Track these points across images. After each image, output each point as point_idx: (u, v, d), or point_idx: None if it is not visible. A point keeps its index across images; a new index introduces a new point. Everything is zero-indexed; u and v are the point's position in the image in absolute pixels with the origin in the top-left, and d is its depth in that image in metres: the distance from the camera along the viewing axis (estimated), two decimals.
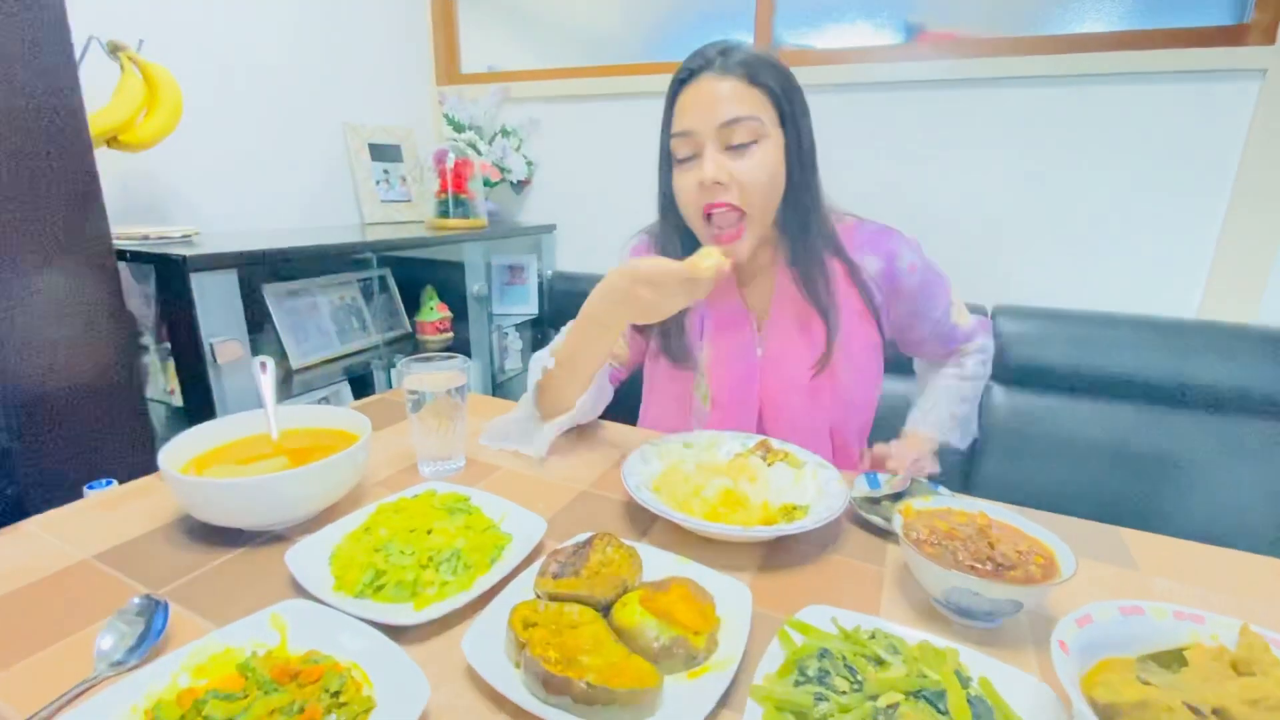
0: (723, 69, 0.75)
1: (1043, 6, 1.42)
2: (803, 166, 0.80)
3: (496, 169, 1.87)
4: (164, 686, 0.40)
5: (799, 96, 0.79)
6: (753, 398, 0.89)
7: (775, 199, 0.80)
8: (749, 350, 0.88)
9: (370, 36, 1.83)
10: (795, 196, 0.81)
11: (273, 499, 0.58)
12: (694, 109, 0.76)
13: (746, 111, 0.75)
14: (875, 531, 0.64)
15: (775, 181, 0.79)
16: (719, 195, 0.77)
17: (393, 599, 0.49)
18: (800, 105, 0.79)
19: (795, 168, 0.79)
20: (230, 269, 1.07)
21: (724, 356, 0.89)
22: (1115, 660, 0.40)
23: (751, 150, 0.76)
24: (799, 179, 0.80)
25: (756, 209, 0.78)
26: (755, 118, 0.75)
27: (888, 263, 0.86)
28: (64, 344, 0.88)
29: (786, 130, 0.78)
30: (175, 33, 1.34)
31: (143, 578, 0.53)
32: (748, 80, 0.75)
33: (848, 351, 0.86)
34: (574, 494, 0.71)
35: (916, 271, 0.87)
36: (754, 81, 0.75)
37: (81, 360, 0.90)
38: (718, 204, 0.77)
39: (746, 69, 0.75)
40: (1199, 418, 1.17)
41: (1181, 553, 0.62)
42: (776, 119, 0.77)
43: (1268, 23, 1.25)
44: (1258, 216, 1.27)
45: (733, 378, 0.88)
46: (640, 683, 0.39)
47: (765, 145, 0.76)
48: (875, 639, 0.44)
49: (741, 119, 0.75)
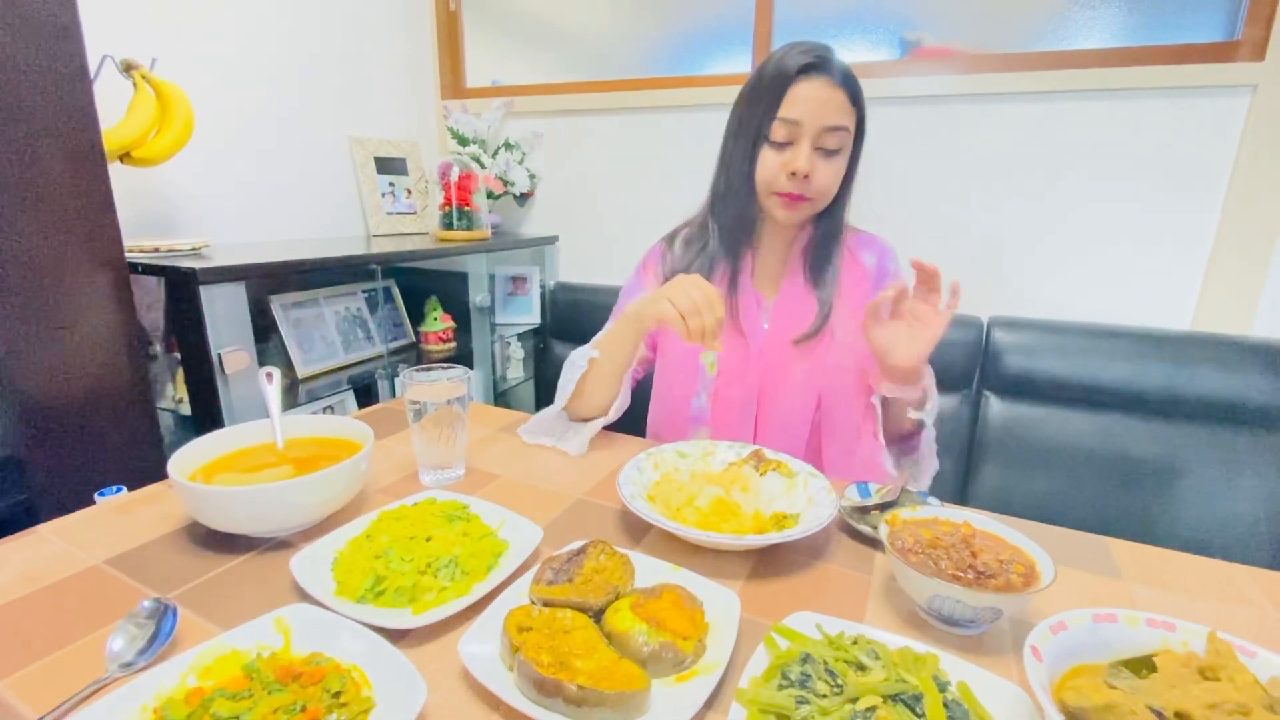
0: (839, 78, 0.83)
1: (1037, 24, 1.45)
2: (849, 178, 0.91)
3: (500, 182, 1.90)
4: (173, 686, 0.41)
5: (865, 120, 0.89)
6: (754, 365, 0.94)
7: (830, 197, 0.90)
8: (755, 323, 0.95)
9: (377, 53, 1.86)
10: (837, 200, 0.91)
11: (277, 507, 0.59)
12: (807, 103, 0.83)
13: (844, 122, 0.84)
14: (864, 540, 0.66)
15: (835, 184, 0.89)
16: (798, 187, 0.86)
17: (392, 604, 0.51)
18: (864, 128, 0.89)
19: (848, 178, 0.91)
20: (238, 281, 1.10)
21: (732, 328, 0.95)
22: (1089, 666, 0.41)
23: (836, 158, 0.86)
24: (845, 188, 0.92)
25: (817, 204, 0.89)
26: (847, 130, 0.85)
27: (880, 260, 0.97)
28: (77, 354, 0.91)
29: (856, 147, 0.89)
30: (187, 51, 1.38)
31: (152, 582, 0.55)
32: (849, 97, 0.84)
33: (845, 329, 0.92)
34: (570, 502, 0.72)
35: (900, 276, 0.96)
36: (853, 99, 0.85)
37: (94, 370, 0.93)
38: (794, 195, 0.87)
39: (850, 86, 0.84)
40: (1193, 429, 1.18)
41: (1164, 561, 0.63)
42: (854, 136, 0.88)
43: (1258, 39, 1.27)
44: (1250, 229, 1.29)
45: (739, 346, 0.95)
46: (629, 685, 0.41)
47: (844, 155, 0.87)
48: (857, 644, 0.45)
49: (839, 128, 0.84)
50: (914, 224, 1.55)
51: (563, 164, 1.96)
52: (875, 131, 1.52)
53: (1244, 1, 1.29)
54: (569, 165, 1.95)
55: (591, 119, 1.88)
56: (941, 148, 1.50)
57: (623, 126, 1.84)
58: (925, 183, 1.53)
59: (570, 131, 1.92)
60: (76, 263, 0.90)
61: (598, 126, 1.88)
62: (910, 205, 1.55)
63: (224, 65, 1.47)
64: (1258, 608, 0.56)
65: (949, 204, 1.52)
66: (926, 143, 1.51)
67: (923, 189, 1.53)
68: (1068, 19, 1.42)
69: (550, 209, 2.02)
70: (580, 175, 1.94)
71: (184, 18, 1.38)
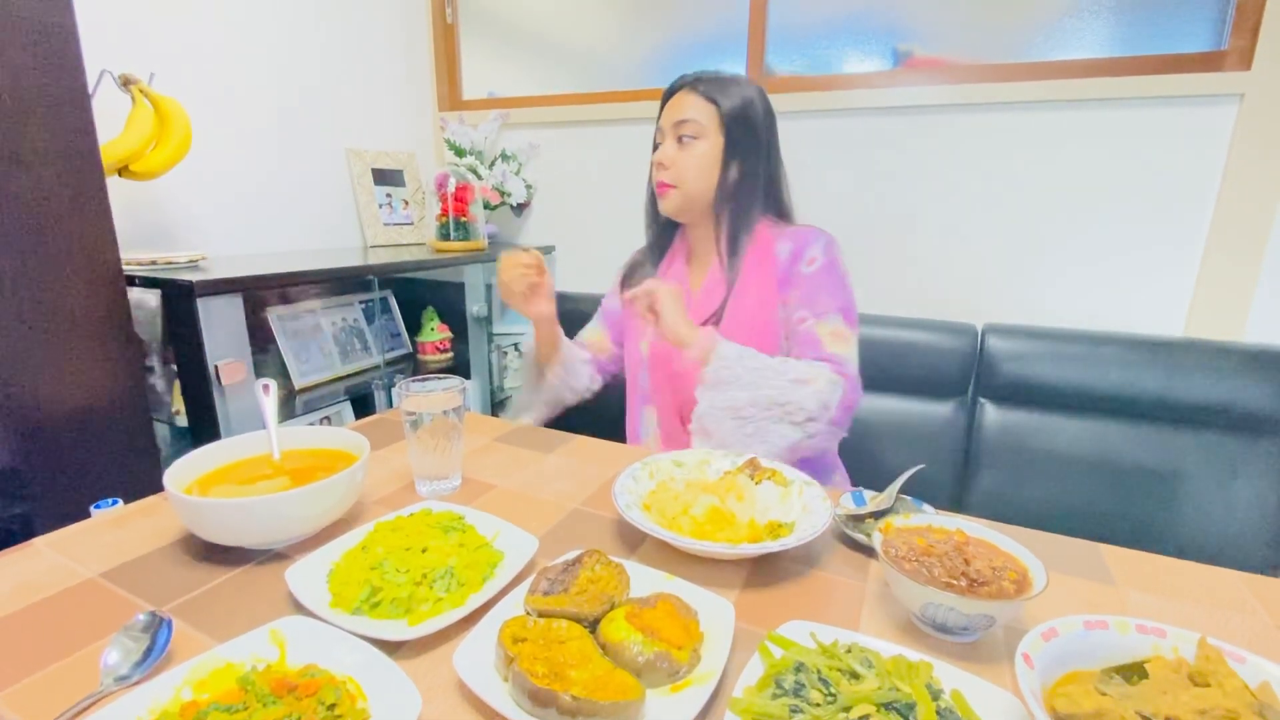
0: (690, 87, 1.00)
1: (1027, 34, 1.46)
2: (743, 170, 1.00)
3: (496, 192, 1.91)
4: (167, 700, 0.41)
5: (753, 114, 0.99)
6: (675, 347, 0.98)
7: (706, 185, 1.00)
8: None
9: (374, 65, 1.88)
10: (731, 191, 1.01)
11: (273, 519, 0.60)
12: (669, 110, 1.01)
13: (695, 116, 0.98)
14: (858, 548, 0.66)
15: (704, 171, 0.99)
16: (660, 175, 1.02)
17: (388, 615, 0.51)
18: (749, 121, 0.99)
19: (732, 168, 1.00)
20: (235, 293, 1.10)
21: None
22: (1080, 673, 0.41)
23: (693, 145, 0.99)
24: (736, 177, 1.00)
25: (686, 185, 1.00)
26: (699, 122, 0.98)
27: (795, 251, 1.00)
28: (73, 366, 0.91)
29: (727, 136, 0.98)
30: (185, 65, 1.39)
31: (148, 595, 0.55)
32: (703, 96, 0.99)
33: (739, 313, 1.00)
34: (566, 512, 0.72)
35: (815, 264, 0.99)
36: (707, 98, 0.98)
37: (90, 382, 0.93)
38: (661, 184, 1.02)
39: (704, 87, 0.99)
40: (1186, 434, 1.19)
41: (1157, 567, 0.64)
42: (719, 126, 0.98)
43: (1244, 49, 1.28)
44: (1240, 236, 1.30)
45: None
46: (624, 695, 0.41)
47: (703, 144, 0.99)
48: (851, 653, 0.45)
49: (687, 120, 0.98)
50: (908, 232, 1.56)
51: (559, 174, 1.97)
52: (868, 142, 1.56)
53: (1230, 12, 1.30)
54: (565, 176, 1.97)
55: (587, 130, 1.90)
56: (934, 157, 1.52)
57: (618, 137, 1.86)
58: (918, 192, 1.54)
59: (566, 142, 1.94)
60: (74, 275, 0.90)
61: (594, 137, 1.89)
62: (903, 214, 1.56)
63: (222, 79, 1.49)
64: (1250, 613, 0.56)
65: (942, 213, 1.53)
66: (919, 153, 1.53)
67: (915, 198, 1.55)
68: (1058, 29, 1.43)
69: (547, 219, 2.03)
70: (576, 186, 1.95)
71: (182, 32, 1.40)
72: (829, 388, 0.88)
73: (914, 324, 1.40)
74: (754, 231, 1.02)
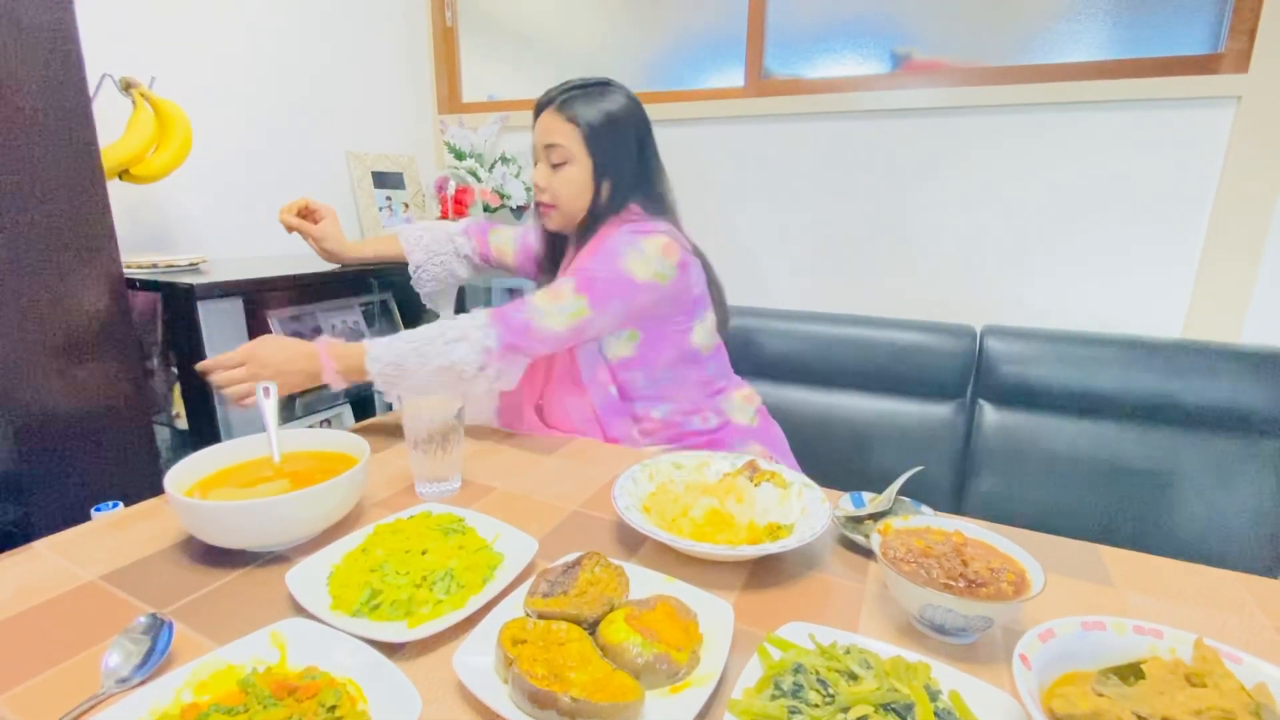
0: (558, 106, 0.99)
1: (1025, 37, 1.47)
2: (615, 184, 1.01)
3: (496, 195, 1.91)
4: (168, 702, 0.42)
5: (619, 125, 1.00)
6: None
7: (580, 204, 1.02)
8: None
9: (374, 69, 1.88)
10: (604, 207, 1.02)
11: (274, 521, 0.60)
12: (537, 132, 1.02)
13: (558, 140, 0.99)
14: (858, 550, 0.66)
15: (578, 193, 1.01)
16: (540, 196, 1.04)
17: (388, 617, 0.51)
18: (614, 134, 0.99)
19: (604, 186, 1.01)
20: (235, 296, 1.11)
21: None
22: (1077, 674, 0.42)
23: (562, 169, 1.00)
24: (609, 194, 1.01)
25: (562, 206, 1.03)
26: (564, 146, 0.99)
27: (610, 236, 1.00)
28: (74, 369, 0.91)
29: (593, 157, 0.99)
30: (186, 69, 1.40)
31: (148, 597, 0.55)
32: (564, 117, 0.99)
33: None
34: (566, 514, 0.73)
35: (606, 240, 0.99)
36: (568, 119, 0.98)
37: (90, 385, 0.93)
38: (541, 205, 1.05)
39: (565, 107, 0.99)
40: (1185, 435, 1.19)
41: (1154, 568, 0.64)
42: (584, 148, 0.99)
43: (1241, 51, 1.29)
44: (1237, 237, 1.30)
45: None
46: (623, 697, 0.41)
47: (572, 166, 1.00)
48: (850, 654, 0.45)
49: (555, 145, 0.99)
50: (907, 235, 1.57)
51: None
52: (867, 144, 1.57)
53: (1227, 14, 1.31)
54: None
55: None
56: (932, 160, 1.52)
57: None
58: (917, 194, 1.55)
59: None
60: (75, 278, 0.91)
61: None
62: (902, 216, 1.57)
63: (222, 82, 1.49)
64: (1248, 614, 0.56)
65: (941, 215, 1.53)
66: (918, 155, 1.53)
67: (914, 200, 1.55)
68: (1055, 32, 1.44)
69: None
70: None
71: (182, 36, 1.40)
72: (481, 335, 0.90)
73: (913, 326, 1.40)
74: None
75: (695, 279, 1.04)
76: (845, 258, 1.65)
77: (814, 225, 1.66)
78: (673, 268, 0.97)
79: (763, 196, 1.71)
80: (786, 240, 1.70)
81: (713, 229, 1.78)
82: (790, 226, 1.69)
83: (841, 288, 1.66)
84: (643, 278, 0.95)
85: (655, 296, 0.97)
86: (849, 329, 1.44)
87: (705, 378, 1.08)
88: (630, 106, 1.02)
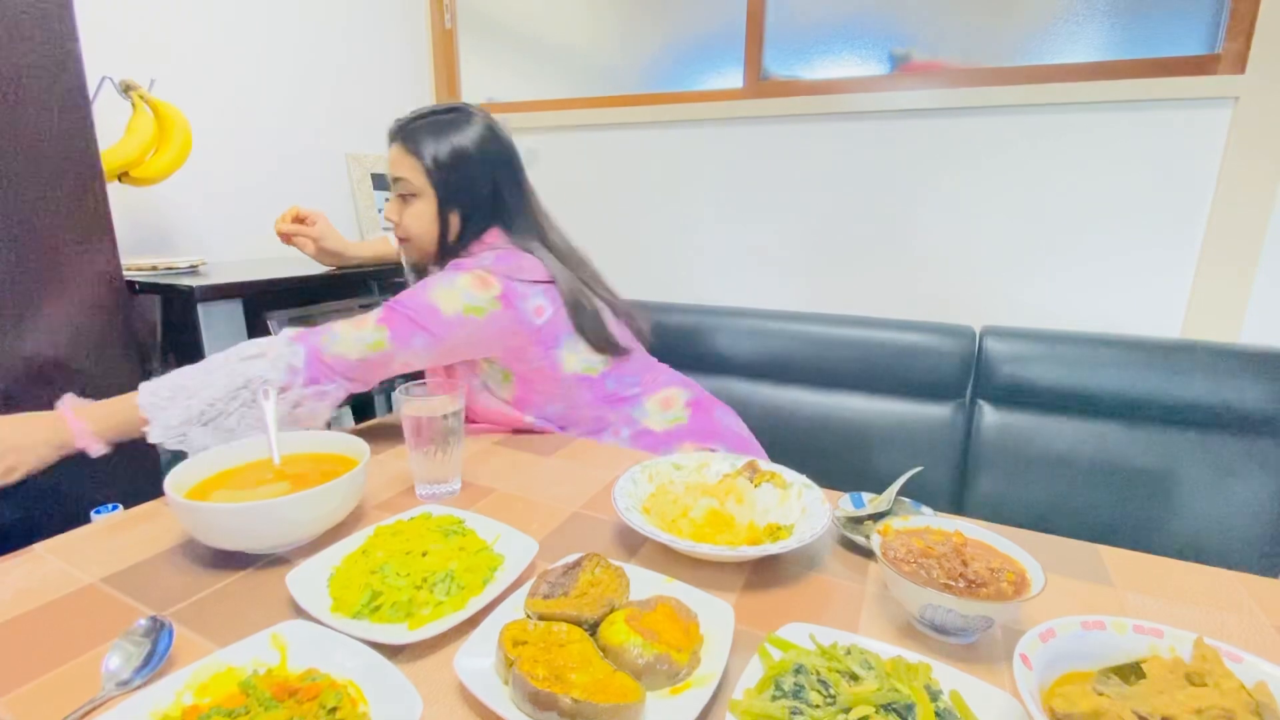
0: (401, 139, 0.97)
1: (1023, 38, 1.47)
2: (465, 218, 0.98)
3: None
4: (168, 705, 0.42)
5: (467, 158, 0.96)
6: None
7: (430, 238, 1.00)
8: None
9: (373, 70, 1.89)
10: (455, 243, 0.99)
11: (274, 523, 0.60)
12: (388, 164, 1.00)
13: (403, 174, 0.97)
14: (858, 550, 0.66)
15: (426, 228, 0.99)
16: (396, 229, 1.02)
17: (388, 619, 0.51)
18: (462, 167, 0.96)
19: (452, 220, 0.98)
20: (235, 298, 1.11)
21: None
22: (1078, 673, 0.42)
23: (412, 203, 0.98)
24: (459, 228, 0.98)
25: (415, 240, 1.01)
26: (409, 180, 0.96)
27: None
28: (74, 371, 0.91)
29: (438, 191, 0.96)
30: (185, 71, 1.40)
31: (148, 600, 0.55)
32: (407, 150, 0.96)
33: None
34: (566, 515, 0.73)
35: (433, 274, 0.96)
36: (412, 152, 0.96)
37: (91, 388, 0.93)
38: (399, 237, 1.03)
39: (410, 140, 0.96)
40: (1184, 435, 1.19)
41: (1154, 568, 0.64)
42: (428, 182, 0.96)
43: (1238, 52, 1.29)
44: (1235, 238, 1.31)
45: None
46: (623, 698, 0.41)
47: (420, 201, 0.97)
48: (850, 654, 0.45)
49: (400, 179, 0.97)
50: (906, 235, 1.57)
51: (557, 179, 1.98)
52: (865, 145, 1.57)
53: (1224, 15, 1.31)
54: (564, 180, 1.97)
55: (586, 134, 1.90)
56: (931, 160, 1.52)
57: (616, 141, 1.86)
58: (916, 195, 1.55)
59: (564, 146, 1.94)
60: (75, 281, 0.91)
61: (593, 142, 1.90)
62: (900, 217, 1.57)
63: (221, 85, 1.49)
64: (1247, 613, 0.57)
65: (940, 215, 1.54)
66: (916, 156, 1.53)
67: (912, 201, 1.55)
68: (1053, 33, 1.44)
69: None
70: (575, 190, 1.96)
71: (182, 39, 1.40)
72: (287, 351, 0.83)
73: (912, 326, 1.40)
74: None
75: (537, 309, 0.94)
76: (844, 258, 1.65)
77: (813, 226, 1.67)
78: (491, 300, 0.90)
79: (762, 197, 1.71)
80: (785, 241, 1.70)
81: (712, 230, 1.78)
82: (789, 227, 1.69)
83: (840, 288, 1.67)
84: (450, 311, 0.88)
85: (472, 331, 0.90)
86: (848, 329, 1.44)
87: (605, 394, 1.03)
88: (485, 136, 0.98)
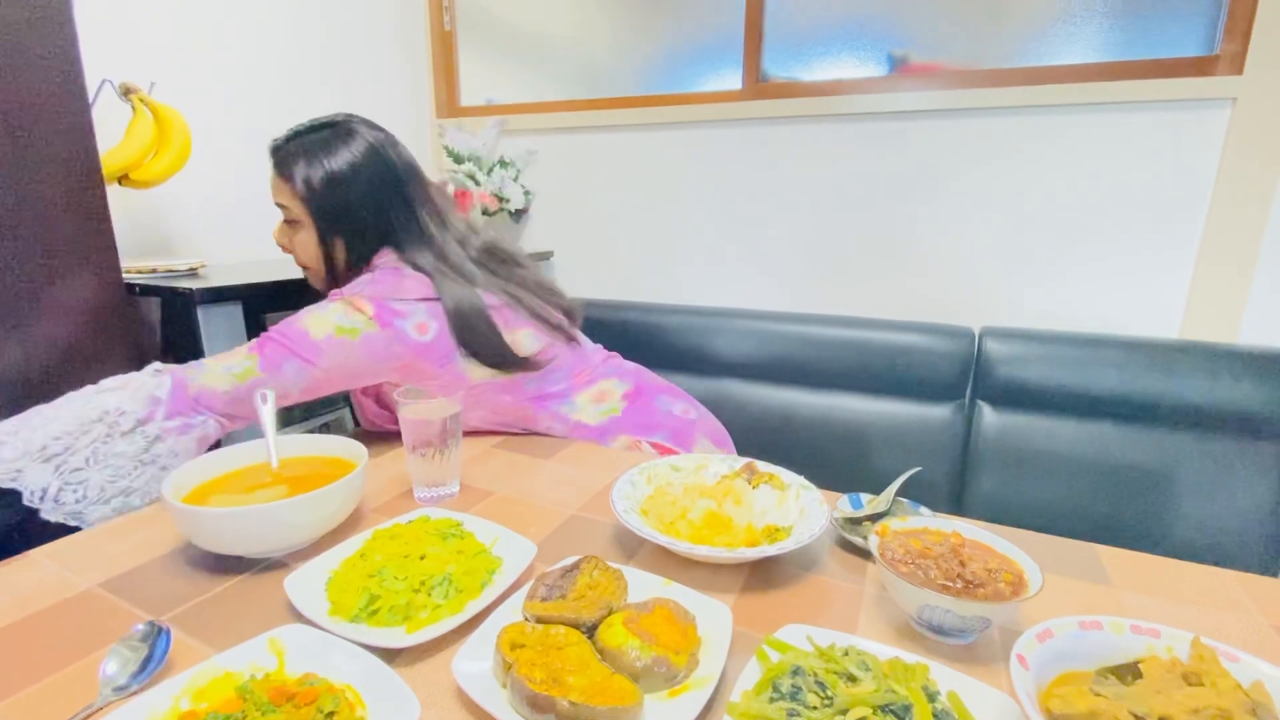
0: (276, 164, 0.94)
1: (1021, 40, 1.47)
2: (349, 245, 0.94)
3: (495, 199, 1.92)
4: (166, 710, 0.42)
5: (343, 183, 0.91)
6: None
7: (318, 265, 0.97)
8: None
9: (372, 72, 1.89)
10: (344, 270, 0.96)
11: (271, 527, 0.60)
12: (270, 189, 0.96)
13: (283, 201, 0.94)
14: (856, 551, 0.66)
15: (313, 254, 0.96)
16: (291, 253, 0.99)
17: (386, 623, 0.51)
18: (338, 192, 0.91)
19: (335, 248, 0.95)
20: (235, 301, 1.11)
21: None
22: (1076, 673, 0.42)
23: (296, 230, 0.95)
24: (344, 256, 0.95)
25: (312, 270, 0.99)
26: (288, 206, 0.94)
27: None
28: (74, 374, 0.91)
29: (314, 218, 0.93)
30: (185, 73, 1.40)
31: (146, 605, 0.55)
32: (279, 175, 0.93)
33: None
34: (564, 518, 0.73)
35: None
36: (285, 178, 0.92)
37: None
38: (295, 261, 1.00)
39: (283, 166, 0.93)
40: (1182, 436, 1.19)
41: (1152, 568, 0.64)
42: (305, 210, 0.93)
43: (1236, 53, 1.29)
44: (1233, 239, 1.31)
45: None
46: (622, 701, 0.41)
47: (302, 228, 0.94)
48: (848, 656, 0.45)
49: (281, 205, 0.95)
50: (905, 236, 1.57)
51: (558, 180, 1.98)
52: (863, 147, 1.57)
53: (1222, 16, 1.32)
54: (564, 182, 1.97)
55: (585, 136, 1.91)
56: (930, 161, 1.52)
57: (616, 143, 1.87)
58: (914, 196, 1.55)
59: (564, 148, 1.95)
60: (75, 283, 0.91)
61: (592, 143, 1.90)
62: (899, 218, 1.57)
63: (221, 87, 1.49)
64: (1245, 613, 0.57)
65: (938, 216, 1.54)
66: (915, 157, 1.54)
67: (911, 202, 1.55)
68: (1051, 35, 1.45)
69: (545, 225, 2.04)
70: (575, 191, 1.96)
71: (182, 41, 1.40)
72: (150, 382, 0.79)
73: (911, 327, 1.40)
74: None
75: (419, 326, 0.89)
76: (843, 259, 1.65)
77: (812, 227, 1.67)
78: (366, 321, 0.86)
79: (761, 198, 1.71)
80: (785, 242, 1.71)
81: (711, 231, 1.78)
82: (788, 228, 1.70)
83: (839, 289, 1.67)
84: (319, 335, 0.85)
85: (347, 354, 0.86)
86: (847, 330, 1.44)
87: (527, 394, 0.99)
88: (365, 154, 0.92)
